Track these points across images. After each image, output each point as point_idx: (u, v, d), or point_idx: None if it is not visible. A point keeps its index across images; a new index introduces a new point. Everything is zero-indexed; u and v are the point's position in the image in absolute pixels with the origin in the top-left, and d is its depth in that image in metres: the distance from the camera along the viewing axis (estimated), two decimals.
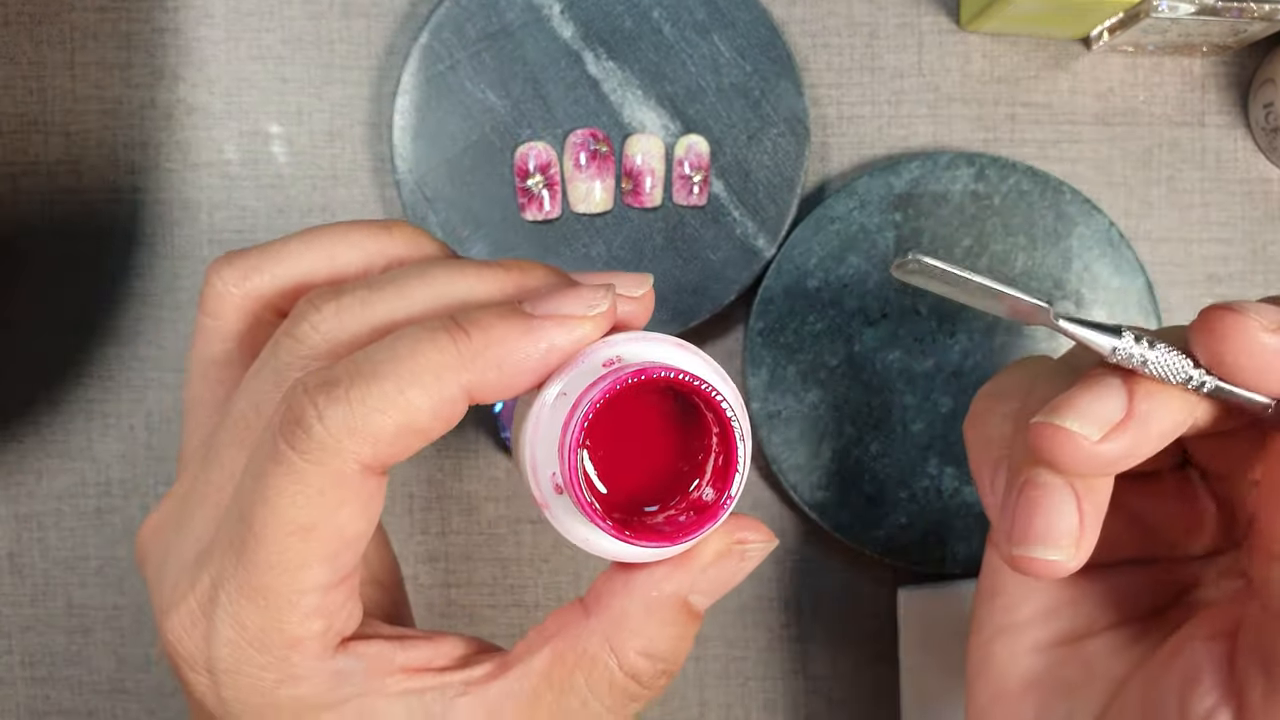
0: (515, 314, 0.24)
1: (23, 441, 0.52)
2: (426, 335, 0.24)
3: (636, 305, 0.26)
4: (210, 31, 0.51)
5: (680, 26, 0.49)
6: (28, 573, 0.52)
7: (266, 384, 0.25)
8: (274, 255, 0.27)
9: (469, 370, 0.24)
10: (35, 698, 0.52)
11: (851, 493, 0.50)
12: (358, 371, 0.23)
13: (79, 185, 0.51)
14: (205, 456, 0.26)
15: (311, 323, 0.25)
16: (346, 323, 0.25)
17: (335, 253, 0.27)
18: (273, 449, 0.23)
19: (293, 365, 0.25)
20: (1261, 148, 0.51)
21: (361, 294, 0.25)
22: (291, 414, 0.23)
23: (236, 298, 0.27)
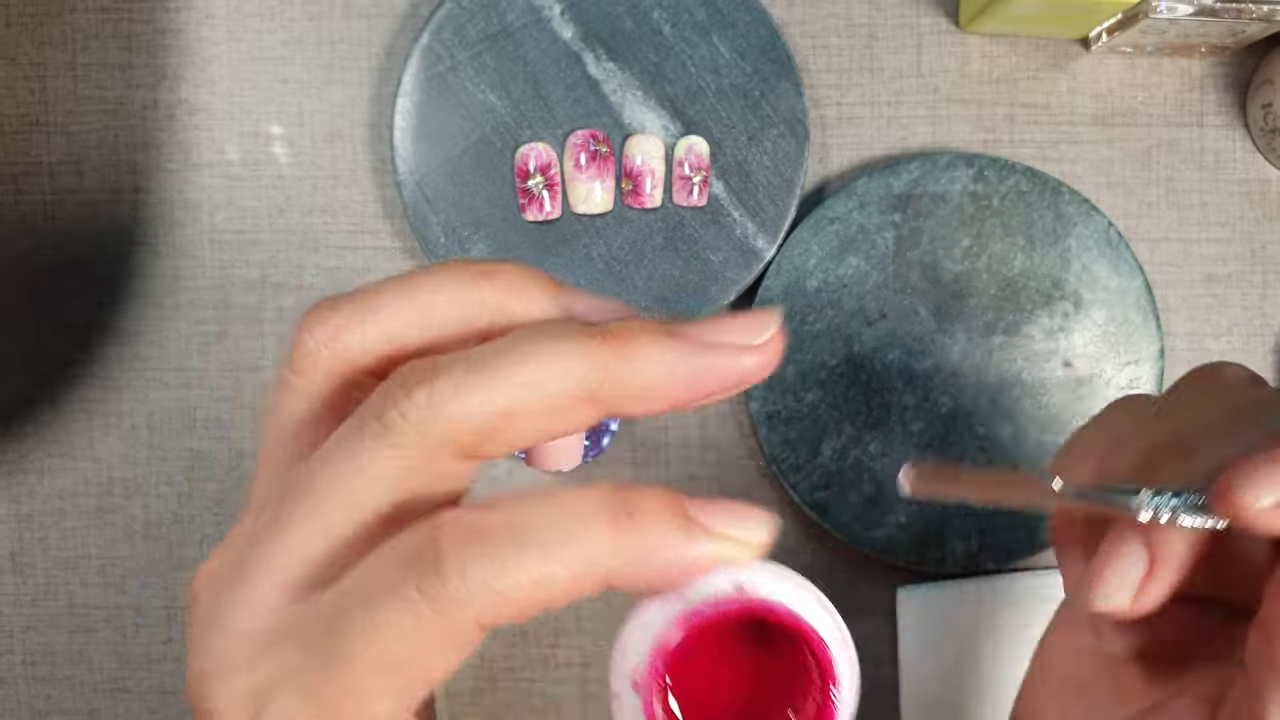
0: (681, 516, 0.24)
1: (24, 441, 0.52)
2: (591, 513, 0.23)
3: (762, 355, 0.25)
4: (212, 32, 0.51)
5: (680, 28, 0.49)
6: (29, 572, 0.52)
7: (346, 469, 0.24)
8: (367, 310, 0.26)
9: (618, 561, 0.23)
10: (37, 697, 0.53)
11: (851, 492, 0.50)
12: (513, 531, 0.23)
13: (80, 185, 0.51)
14: (271, 522, 0.25)
15: (401, 410, 0.24)
16: (441, 411, 0.23)
17: (432, 305, 0.25)
18: (398, 582, 0.23)
19: (378, 459, 0.24)
20: (1260, 148, 0.51)
21: (458, 375, 0.24)
22: (433, 558, 0.22)
23: (326, 358, 0.26)
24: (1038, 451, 0.50)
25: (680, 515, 0.24)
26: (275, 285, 0.51)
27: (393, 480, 0.24)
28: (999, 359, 0.50)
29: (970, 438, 0.50)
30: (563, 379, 0.23)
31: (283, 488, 0.25)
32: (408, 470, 0.24)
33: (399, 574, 0.23)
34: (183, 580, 0.52)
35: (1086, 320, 0.50)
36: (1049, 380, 0.50)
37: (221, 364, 0.52)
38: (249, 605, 0.24)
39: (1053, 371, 0.50)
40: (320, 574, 0.24)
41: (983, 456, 0.50)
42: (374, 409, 0.24)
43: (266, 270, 0.51)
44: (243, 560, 0.25)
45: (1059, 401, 0.50)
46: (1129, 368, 0.50)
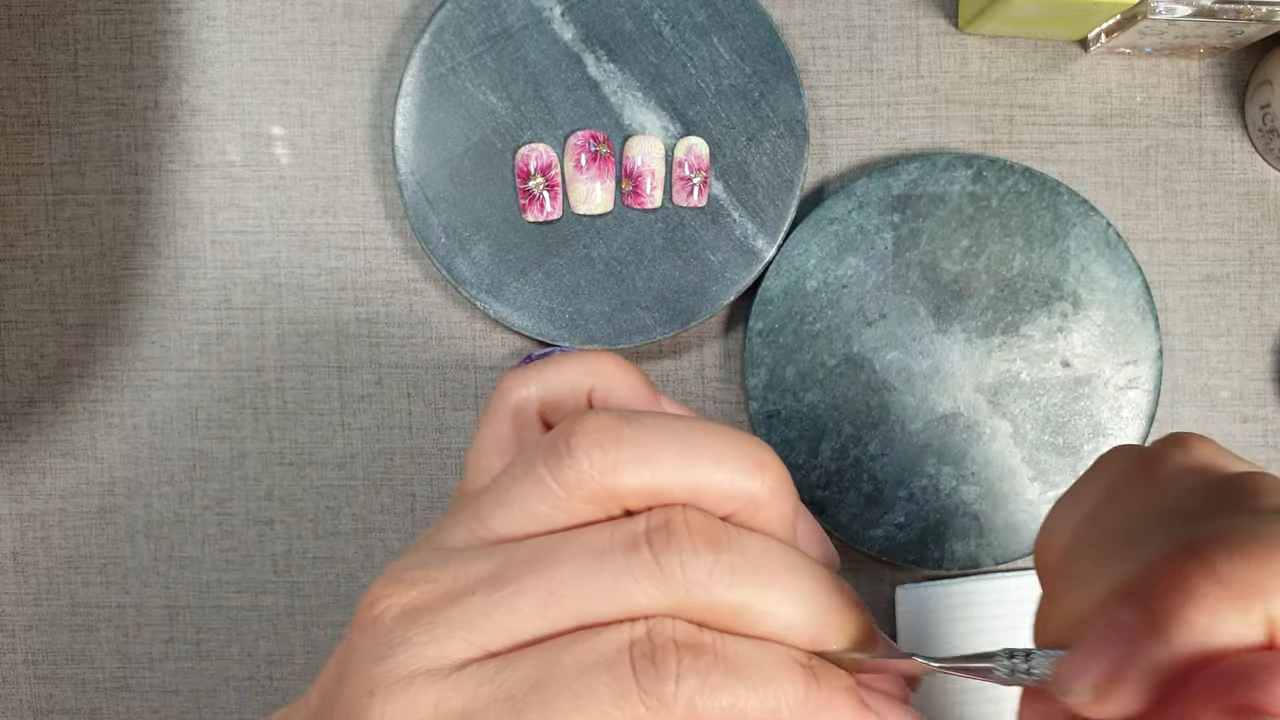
0: (858, 695, 0.26)
1: (26, 441, 0.52)
2: (787, 665, 0.25)
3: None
4: (213, 34, 0.51)
5: (680, 29, 0.49)
6: (31, 571, 0.52)
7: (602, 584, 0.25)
8: (651, 457, 0.26)
9: (800, 716, 0.25)
10: (39, 695, 0.53)
11: (850, 492, 0.50)
12: (725, 657, 0.24)
13: (82, 186, 0.51)
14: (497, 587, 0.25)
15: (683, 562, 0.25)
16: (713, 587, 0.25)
17: (704, 475, 0.26)
18: (616, 665, 0.24)
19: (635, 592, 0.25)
20: (1258, 149, 0.51)
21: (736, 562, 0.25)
22: (654, 656, 0.24)
23: (596, 487, 0.26)
24: (1036, 452, 0.50)
25: (856, 693, 0.26)
26: (277, 286, 0.52)
27: (632, 607, 0.25)
28: (998, 359, 0.50)
29: (969, 438, 0.50)
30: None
31: (514, 558, 0.25)
32: (651, 609, 0.25)
33: (618, 659, 0.24)
34: (184, 580, 0.52)
35: (1085, 320, 0.50)
36: (1048, 380, 0.50)
37: (223, 364, 0.52)
38: (444, 652, 0.25)
39: (1051, 371, 0.50)
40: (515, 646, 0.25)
41: (981, 457, 0.50)
42: (653, 544, 0.25)
43: (268, 270, 0.51)
44: (450, 608, 0.25)
45: (1058, 401, 0.50)
46: (1128, 368, 0.50)
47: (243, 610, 0.52)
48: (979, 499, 0.50)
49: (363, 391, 0.52)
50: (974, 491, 0.50)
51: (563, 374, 0.29)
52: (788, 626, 0.25)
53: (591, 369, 0.29)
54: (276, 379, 0.52)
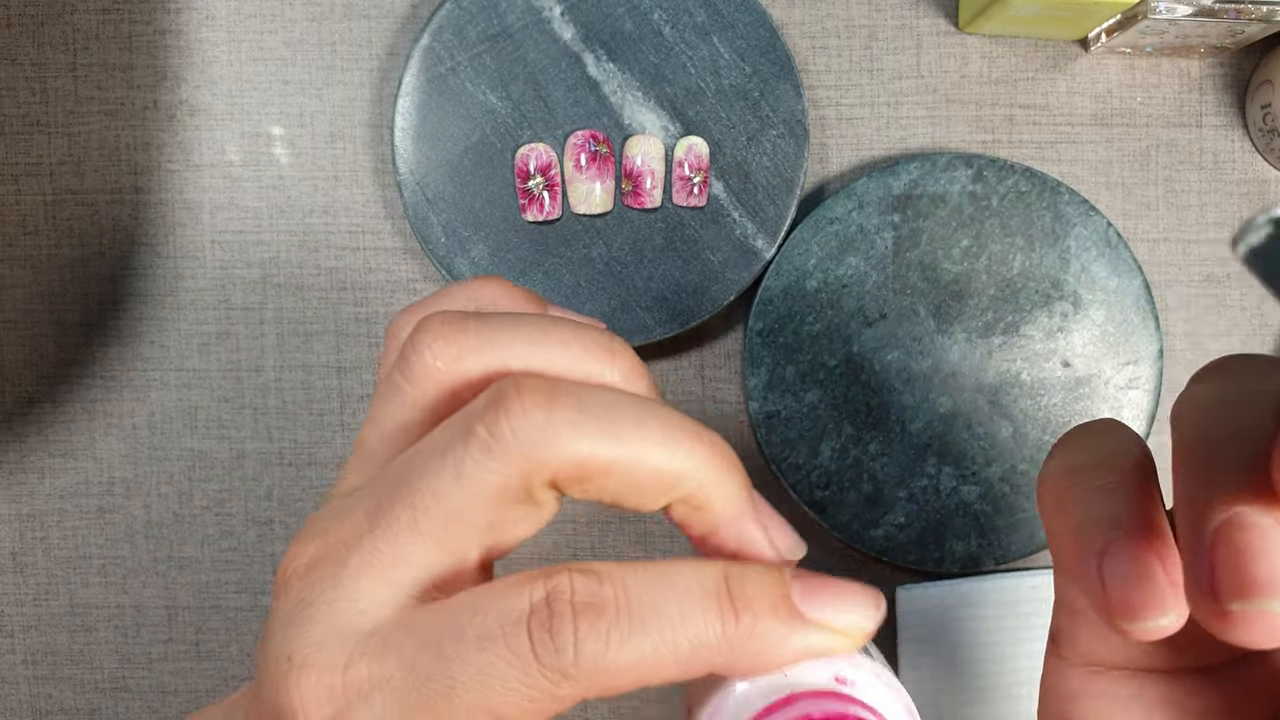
0: (786, 606, 0.24)
1: (25, 441, 0.52)
2: (699, 601, 0.23)
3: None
4: (212, 33, 0.51)
5: (680, 29, 0.49)
6: (30, 571, 0.52)
7: (448, 477, 0.24)
8: (494, 342, 0.26)
9: (723, 654, 0.23)
10: (38, 696, 0.53)
11: (850, 492, 0.50)
12: (627, 610, 0.23)
13: (81, 186, 0.51)
14: (375, 525, 0.25)
15: (513, 425, 0.23)
16: (553, 440, 0.24)
17: (552, 358, 0.26)
18: (512, 636, 0.23)
19: (480, 472, 0.24)
20: (1259, 149, 0.51)
21: (574, 415, 0.24)
22: (549, 623, 0.23)
23: (443, 374, 0.26)
24: (1037, 452, 0.50)
25: (786, 605, 0.24)
26: (277, 286, 0.52)
27: (494, 496, 0.24)
28: (998, 359, 0.50)
29: (969, 438, 0.50)
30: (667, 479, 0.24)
31: (382, 486, 0.25)
32: (507, 488, 0.24)
33: (515, 631, 0.23)
34: (183, 580, 0.52)
35: (1085, 320, 0.50)
36: (1048, 380, 0.50)
37: (222, 364, 0.52)
38: (355, 604, 0.24)
39: (1052, 371, 0.50)
40: (426, 587, 0.24)
41: (982, 457, 0.50)
42: (484, 417, 0.24)
43: (268, 270, 0.51)
44: (345, 557, 0.25)
45: (1058, 401, 0.50)
46: (1128, 368, 0.50)
47: (242, 611, 0.52)
48: (979, 499, 0.50)
49: (362, 391, 0.52)
50: (974, 492, 0.50)
51: (446, 304, 0.28)
52: (659, 474, 0.24)
53: (474, 294, 0.28)
54: (276, 379, 0.52)
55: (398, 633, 0.24)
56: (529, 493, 0.24)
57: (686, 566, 0.24)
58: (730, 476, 0.25)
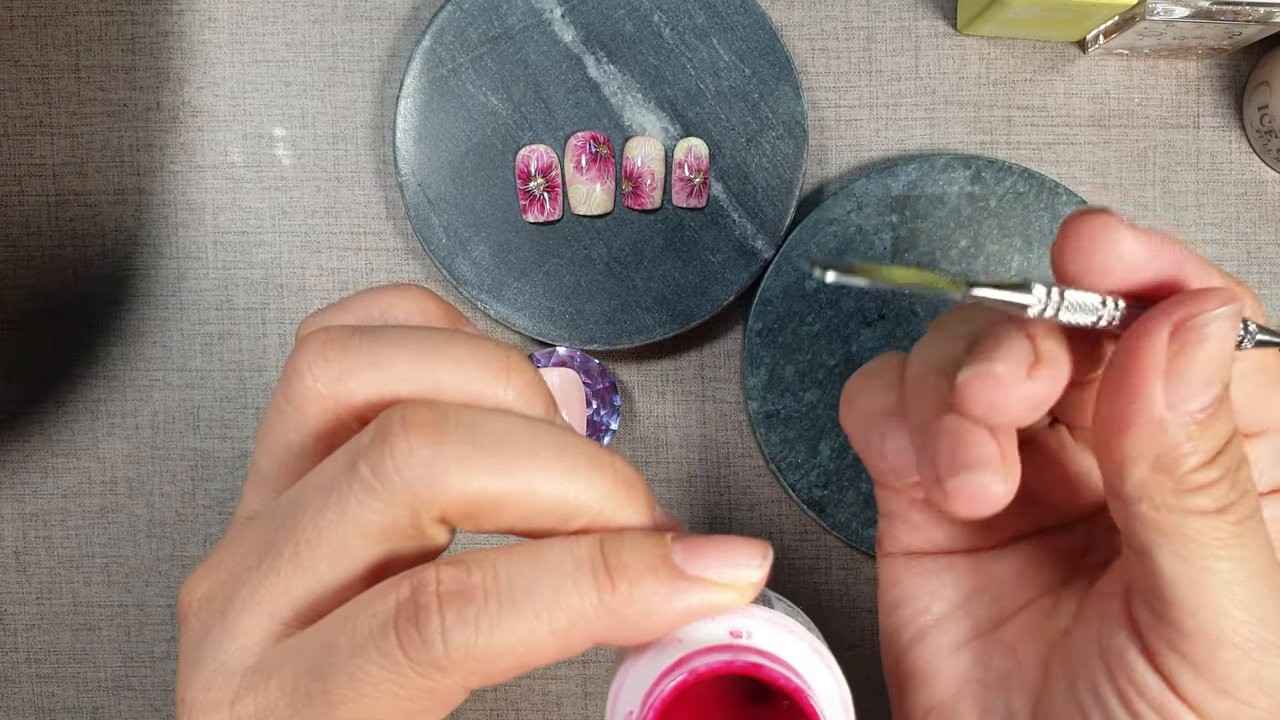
0: (666, 567, 0.23)
1: (29, 440, 0.52)
2: (573, 576, 0.23)
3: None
4: (214, 35, 0.51)
5: (680, 31, 0.49)
6: (33, 571, 0.53)
7: (331, 517, 0.23)
8: (376, 362, 0.24)
9: (605, 624, 0.23)
10: (41, 695, 0.53)
11: (849, 491, 0.50)
12: (495, 593, 0.22)
13: (84, 187, 0.51)
14: (260, 561, 0.24)
15: (398, 465, 0.23)
16: (439, 479, 0.23)
17: (442, 379, 0.24)
18: (380, 638, 0.22)
19: (365, 511, 0.23)
20: (1256, 150, 0.52)
21: (464, 450, 0.23)
22: (415, 617, 0.22)
23: (323, 397, 0.24)
24: None
25: (666, 566, 0.23)
26: (279, 286, 0.52)
27: (378, 534, 0.23)
28: None
29: None
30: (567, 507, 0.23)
31: (271, 521, 0.25)
32: (393, 528, 0.23)
33: (383, 632, 0.22)
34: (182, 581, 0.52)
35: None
36: None
37: (225, 364, 0.52)
38: (237, 641, 0.24)
39: None
40: (307, 616, 0.24)
41: None
42: (368, 455, 0.23)
43: (270, 271, 0.52)
44: (233, 594, 0.25)
45: None
46: None
47: None
48: None
49: None
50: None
51: (352, 312, 0.27)
52: (555, 506, 0.23)
53: (386, 307, 0.27)
54: (278, 379, 0.52)
55: (279, 659, 0.24)
56: (418, 529, 0.23)
57: (560, 543, 0.23)
58: (632, 504, 0.24)
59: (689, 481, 0.52)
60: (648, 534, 0.24)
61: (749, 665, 0.23)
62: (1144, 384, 0.25)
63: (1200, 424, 0.24)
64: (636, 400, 0.52)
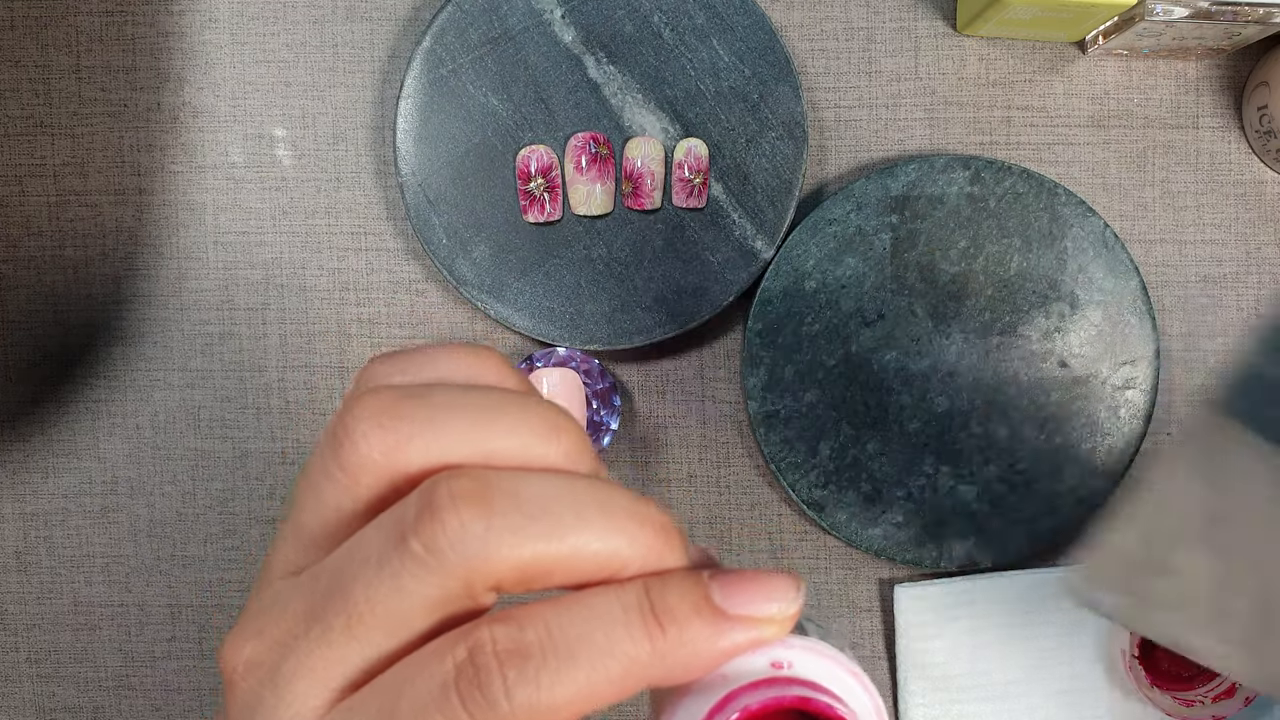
0: (709, 609, 0.24)
1: (29, 441, 0.52)
2: (623, 624, 0.23)
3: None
4: (215, 36, 0.51)
5: (680, 31, 0.49)
6: (34, 570, 0.53)
7: (385, 590, 0.24)
8: (434, 429, 0.24)
9: (658, 668, 0.23)
10: (41, 694, 0.53)
11: (849, 491, 0.50)
12: (553, 649, 0.23)
13: (85, 187, 0.52)
14: (309, 630, 0.25)
15: (450, 540, 0.23)
16: (492, 552, 0.23)
17: (496, 445, 0.25)
18: (444, 702, 0.23)
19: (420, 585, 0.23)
20: (1255, 150, 0.52)
21: (515, 520, 0.23)
22: (476, 679, 0.23)
23: (380, 466, 0.25)
24: (1035, 452, 0.50)
25: (710, 607, 0.24)
26: (279, 286, 0.52)
27: (434, 605, 0.24)
28: (995, 359, 0.50)
29: (967, 437, 0.50)
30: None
31: (316, 587, 0.25)
32: (448, 599, 0.24)
33: (444, 695, 0.23)
34: (186, 579, 0.53)
35: (1083, 321, 0.50)
36: (1045, 380, 0.50)
37: (225, 364, 0.52)
38: (292, 709, 0.24)
39: (1049, 372, 0.50)
40: (360, 683, 0.24)
41: (979, 456, 0.50)
42: (419, 531, 0.23)
43: (270, 271, 0.52)
44: (282, 661, 0.25)
45: (1055, 401, 0.50)
46: (1125, 368, 0.50)
47: None
48: (977, 498, 0.50)
49: None
50: (971, 491, 0.50)
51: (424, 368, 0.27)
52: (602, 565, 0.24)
53: (457, 368, 0.27)
54: (278, 379, 0.52)
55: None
56: (472, 597, 0.24)
57: (607, 591, 0.24)
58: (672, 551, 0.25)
59: (689, 481, 0.52)
60: (687, 574, 0.24)
61: (797, 699, 0.24)
62: None
63: None
64: (636, 400, 0.52)
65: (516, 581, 0.24)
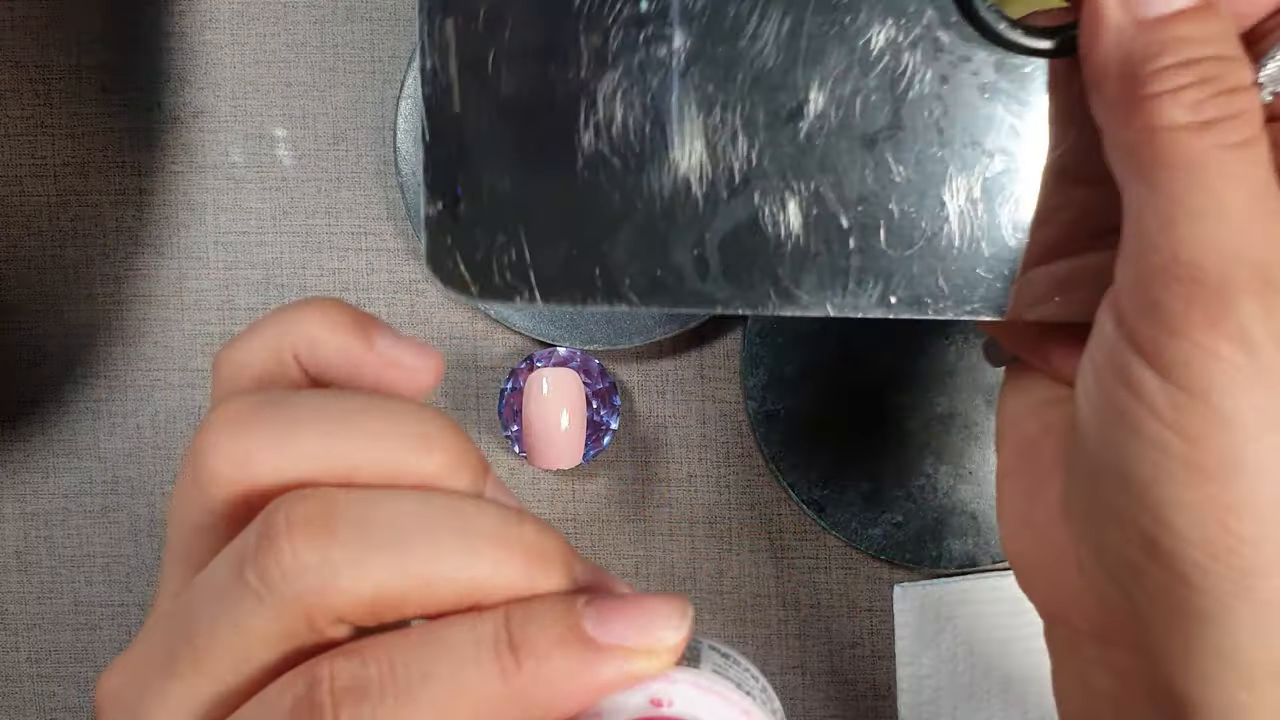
0: (577, 640, 0.21)
1: (30, 440, 0.52)
2: (474, 660, 0.21)
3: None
4: (215, 36, 0.51)
5: None
6: (35, 570, 0.53)
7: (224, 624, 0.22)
8: (285, 439, 0.23)
9: (514, 709, 0.21)
10: (42, 694, 0.53)
11: (848, 491, 0.50)
12: (392, 686, 0.21)
13: (85, 187, 0.52)
14: (162, 665, 0.23)
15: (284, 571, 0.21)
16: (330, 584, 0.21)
17: (357, 456, 0.23)
18: None
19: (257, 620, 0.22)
20: None
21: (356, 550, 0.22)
22: (310, 716, 0.21)
23: (230, 481, 0.23)
24: None
25: (576, 637, 0.22)
26: (279, 286, 0.52)
27: (273, 639, 0.22)
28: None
29: (966, 437, 0.50)
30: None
31: (172, 621, 0.23)
32: (289, 632, 0.22)
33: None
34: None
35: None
36: None
37: None
38: None
39: None
40: (214, 716, 0.23)
41: (979, 456, 0.50)
42: (254, 562, 0.22)
43: (271, 271, 0.52)
44: (141, 695, 0.24)
45: None
46: None
47: None
48: (976, 498, 0.50)
49: None
50: (971, 491, 0.50)
51: (258, 340, 0.25)
52: (463, 593, 0.22)
53: (287, 328, 0.25)
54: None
55: None
56: (316, 631, 0.22)
57: (462, 621, 0.22)
58: (548, 576, 0.23)
59: (689, 481, 0.52)
60: (558, 601, 0.22)
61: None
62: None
63: (1163, 24, 0.23)
64: (636, 400, 0.52)
65: (364, 615, 0.22)
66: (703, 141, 0.27)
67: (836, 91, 0.26)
